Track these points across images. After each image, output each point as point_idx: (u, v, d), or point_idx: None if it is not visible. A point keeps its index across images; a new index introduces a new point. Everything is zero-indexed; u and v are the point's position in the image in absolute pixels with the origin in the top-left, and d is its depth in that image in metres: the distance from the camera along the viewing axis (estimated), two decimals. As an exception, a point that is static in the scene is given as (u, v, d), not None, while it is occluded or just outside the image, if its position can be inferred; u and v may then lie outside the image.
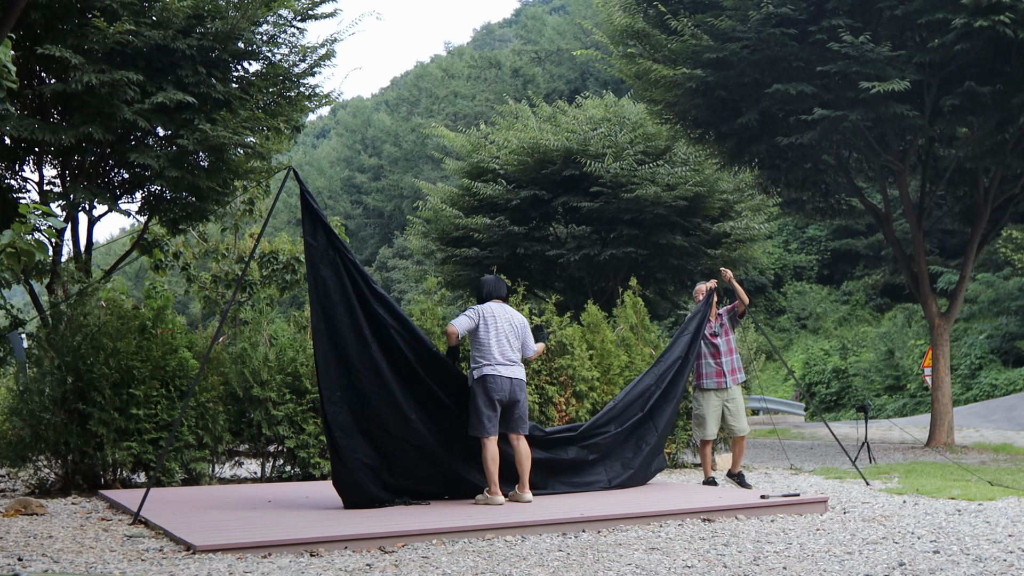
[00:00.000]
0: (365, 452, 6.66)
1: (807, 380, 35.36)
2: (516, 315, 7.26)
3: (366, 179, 60.61)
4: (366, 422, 6.69)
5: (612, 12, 15.34)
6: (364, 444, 6.67)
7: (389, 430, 6.76)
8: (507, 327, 7.11)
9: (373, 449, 6.71)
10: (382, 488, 6.75)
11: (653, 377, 8.38)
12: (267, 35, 10.70)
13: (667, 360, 8.46)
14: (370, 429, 6.71)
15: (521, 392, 7.04)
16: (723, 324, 8.58)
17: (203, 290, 14.59)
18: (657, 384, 8.34)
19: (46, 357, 8.33)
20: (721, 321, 8.58)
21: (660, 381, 8.36)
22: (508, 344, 7.05)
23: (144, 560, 4.99)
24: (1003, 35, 12.27)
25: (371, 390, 6.68)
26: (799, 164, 16.04)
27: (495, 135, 21.42)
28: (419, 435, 6.85)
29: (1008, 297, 30.63)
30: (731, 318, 8.60)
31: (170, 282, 28.80)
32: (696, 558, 5.13)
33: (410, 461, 6.87)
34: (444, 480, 7.07)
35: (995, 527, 6.26)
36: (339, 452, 6.59)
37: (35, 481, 8.43)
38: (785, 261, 42.69)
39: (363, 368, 6.66)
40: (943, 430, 15.31)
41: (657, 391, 8.31)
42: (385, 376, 6.72)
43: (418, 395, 6.89)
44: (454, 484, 7.11)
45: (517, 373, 7.06)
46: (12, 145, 10.13)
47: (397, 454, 6.81)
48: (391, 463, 6.81)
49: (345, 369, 6.66)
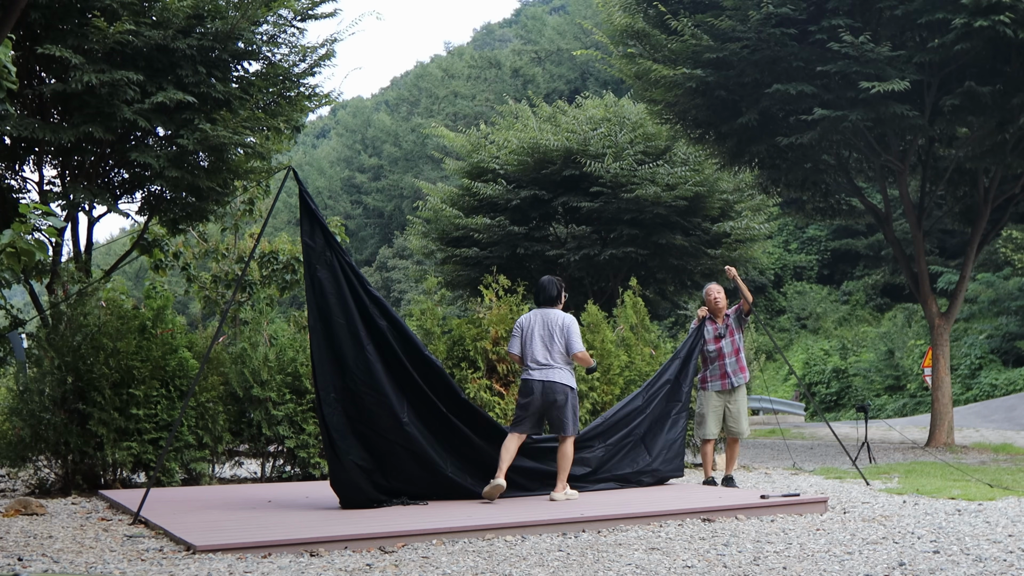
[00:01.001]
0: (359, 454, 6.66)
1: (807, 380, 35.37)
2: (557, 318, 7.32)
3: (366, 179, 60.63)
4: (359, 424, 6.69)
5: (612, 12, 15.34)
6: (358, 446, 6.67)
7: (382, 432, 6.75)
8: (542, 332, 7.23)
9: (366, 451, 6.71)
10: (376, 490, 6.76)
11: (641, 399, 8.31)
12: (267, 35, 10.70)
13: (656, 383, 8.40)
14: (363, 431, 6.70)
15: (556, 394, 7.13)
16: (729, 325, 8.55)
17: (203, 290, 14.59)
18: (644, 407, 8.26)
19: (46, 357, 8.32)
20: (727, 322, 8.56)
21: (647, 404, 8.27)
22: (541, 348, 7.18)
23: (144, 560, 4.99)
24: (1003, 35, 12.27)
25: (365, 392, 6.67)
26: (799, 164, 16.04)
27: (495, 135, 21.43)
28: (411, 439, 6.85)
29: (1008, 297, 30.64)
30: (737, 318, 8.58)
31: (170, 282, 28.80)
32: (696, 558, 5.12)
33: (402, 464, 6.87)
34: (436, 484, 7.06)
35: (995, 527, 6.26)
36: (336, 452, 6.60)
37: (35, 481, 8.43)
38: (785, 261, 42.70)
39: (357, 370, 6.66)
40: (943, 430, 15.31)
41: (642, 415, 8.23)
42: (379, 378, 6.71)
43: (411, 399, 6.90)
44: (446, 488, 7.09)
45: (550, 376, 7.15)
46: (12, 145, 10.13)
47: (389, 456, 6.81)
48: (384, 465, 6.81)
49: (340, 370, 6.65)
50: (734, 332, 8.54)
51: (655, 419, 8.34)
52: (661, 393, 8.40)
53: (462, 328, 10.04)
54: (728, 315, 8.61)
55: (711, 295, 8.62)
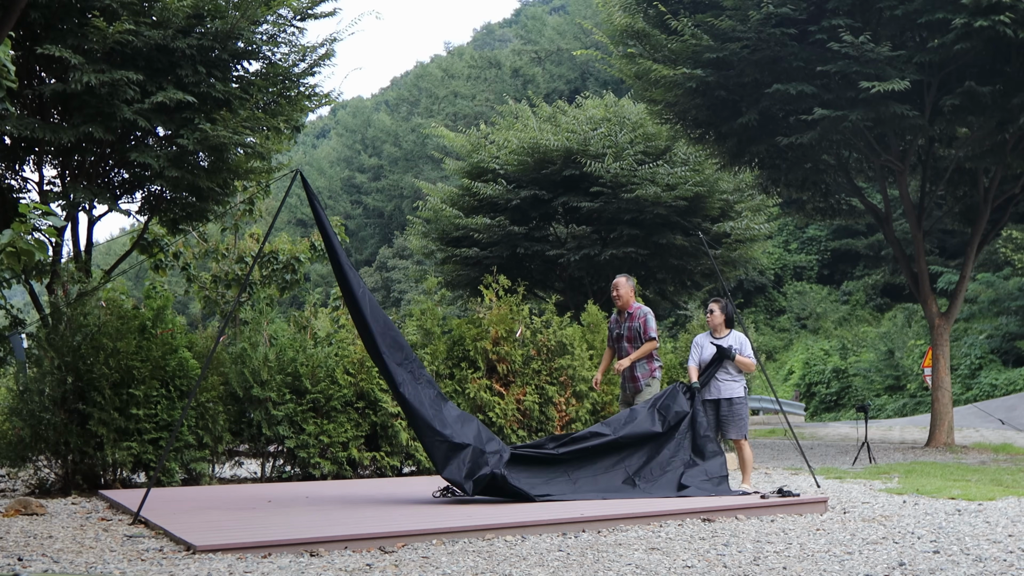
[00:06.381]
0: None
1: (807, 380, 35.39)
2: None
3: (366, 179, 60.62)
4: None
5: (612, 12, 15.33)
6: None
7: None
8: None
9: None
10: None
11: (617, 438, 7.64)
12: (267, 35, 10.70)
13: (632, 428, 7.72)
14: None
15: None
16: (631, 327, 8.08)
17: (203, 290, 14.58)
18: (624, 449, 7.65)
19: (46, 357, 8.32)
20: (631, 324, 8.09)
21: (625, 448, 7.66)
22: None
23: (144, 560, 4.99)
24: (1003, 35, 12.27)
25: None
26: (799, 164, 16.04)
27: (495, 135, 21.41)
28: (406, 403, 7.03)
29: (1008, 297, 30.65)
30: (635, 337, 8.07)
31: (170, 282, 28.80)
32: (696, 558, 5.12)
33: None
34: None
35: (995, 527, 6.26)
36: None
37: (35, 481, 8.43)
38: (785, 261, 42.70)
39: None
40: (943, 430, 15.31)
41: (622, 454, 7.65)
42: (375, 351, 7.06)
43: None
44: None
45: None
46: (12, 145, 10.13)
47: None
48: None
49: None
50: (633, 339, 8.09)
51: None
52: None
53: (462, 328, 10.04)
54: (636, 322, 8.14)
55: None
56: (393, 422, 9.33)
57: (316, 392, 9.18)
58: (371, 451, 9.42)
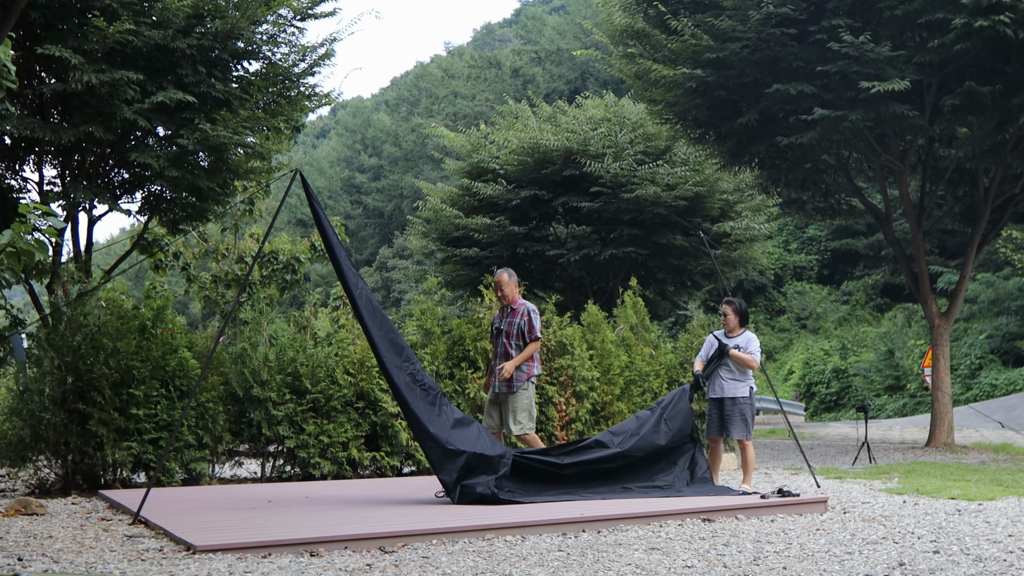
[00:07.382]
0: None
1: (807, 380, 35.38)
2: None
3: (366, 179, 60.62)
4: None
5: (612, 12, 15.33)
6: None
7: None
8: None
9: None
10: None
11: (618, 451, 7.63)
12: (267, 34, 10.69)
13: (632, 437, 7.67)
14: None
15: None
16: (512, 323, 7.86)
17: (203, 290, 14.58)
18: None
19: (46, 357, 8.32)
20: (512, 319, 7.88)
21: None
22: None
23: (144, 560, 4.99)
24: (1003, 35, 12.26)
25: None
26: (799, 164, 16.04)
27: (495, 135, 21.42)
28: (402, 400, 7.04)
29: (1008, 297, 30.65)
30: (519, 334, 7.85)
31: (170, 282, 28.80)
32: (696, 558, 5.12)
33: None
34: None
35: (995, 527, 6.26)
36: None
37: (35, 481, 8.43)
38: (785, 261, 42.70)
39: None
40: (943, 430, 15.31)
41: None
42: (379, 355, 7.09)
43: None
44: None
45: None
46: (12, 145, 10.13)
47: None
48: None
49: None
50: (515, 337, 7.85)
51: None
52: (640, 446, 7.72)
53: (462, 328, 10.04)
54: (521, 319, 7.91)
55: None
56: (393, 422, 9.33)
57: (316, 392, 9.18)
58: (371, 451, 9.42)
